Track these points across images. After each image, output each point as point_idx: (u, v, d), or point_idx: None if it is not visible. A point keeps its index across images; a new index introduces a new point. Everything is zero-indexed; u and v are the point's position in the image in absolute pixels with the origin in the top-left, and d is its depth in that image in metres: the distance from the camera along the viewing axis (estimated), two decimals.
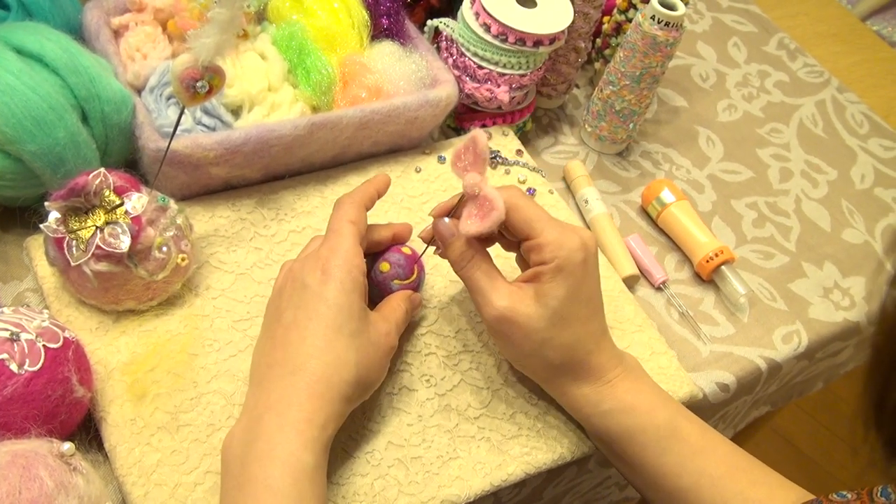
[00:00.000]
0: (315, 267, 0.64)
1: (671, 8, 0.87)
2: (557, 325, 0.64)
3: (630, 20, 0.97)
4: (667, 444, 0.65)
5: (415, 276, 0.72)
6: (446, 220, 0.68)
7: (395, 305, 0.69)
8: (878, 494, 0.53)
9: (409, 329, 0.74)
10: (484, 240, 0.68)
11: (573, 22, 0.88)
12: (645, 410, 0.66)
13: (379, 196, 0.71)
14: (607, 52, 1.02)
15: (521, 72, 0.88)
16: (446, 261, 0.79)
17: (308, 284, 0.63)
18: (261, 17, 0.85)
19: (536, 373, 0.69)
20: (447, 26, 0.90)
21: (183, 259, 0.69)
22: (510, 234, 0.69)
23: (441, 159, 0.88)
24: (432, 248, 0.71)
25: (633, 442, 0.66)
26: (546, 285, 0.64)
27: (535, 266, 0.65)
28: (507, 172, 0.90)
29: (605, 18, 1.01)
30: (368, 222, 0.69)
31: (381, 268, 0.71)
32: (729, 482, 0.64)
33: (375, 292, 0.72)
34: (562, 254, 0.64)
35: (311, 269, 0.64)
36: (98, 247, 0.65)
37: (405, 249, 0.72)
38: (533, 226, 0.65)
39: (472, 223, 0.64)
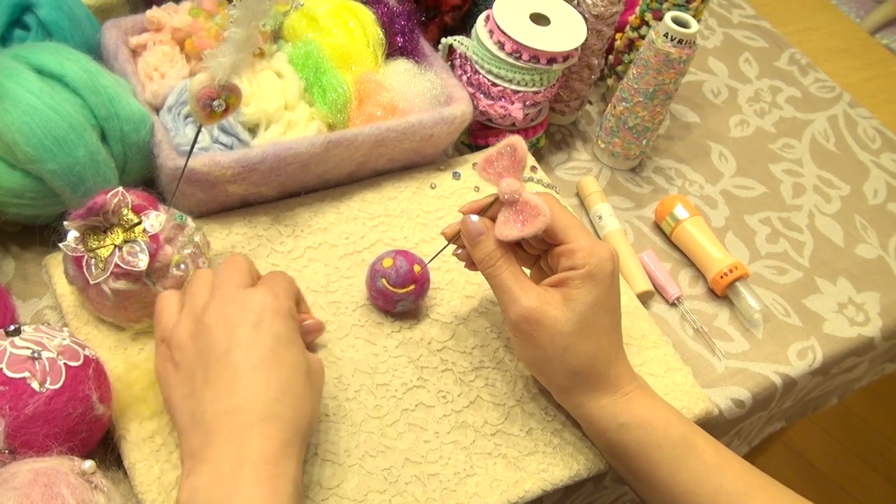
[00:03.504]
0: (258, 303, 0.61)
1: (684, 25, 0.87)
2: (583, 331, 0.65)
3: (643, 37, 0.98)
4: (683, 461, 0.65)
5: (403, 291, 0.73)
6: (475, 218, 0.67)
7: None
8: None
9: (425, 345, 0.75)
10: (509, 244, 0.68)
11: (586, 39, 0.88)
12: (661, 426, 0.66)
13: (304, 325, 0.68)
14: (620, 68, 1.02)
15: (534, 89, 0.88)
16: (461, 276, 0.79)
17: (253, 321, 0.59)
18: (277, 36, 0.86)
19: (555, 380, 0.68)
20: (461, 44, 0.90)
21: None
22: (534, 242, 0.69)
23: (456, 175, 0.89)
24: (450, 248, 0.72)
25: (648, 458, 0.66)
26: (575, 290, 0.65)
27: (563, 271, 0.66)
28: None
29: (618, 35, 1.02)
30: (386, 236, 0.69)
31: (384, 262, 0.73)
32: (746, 499, 0.64)
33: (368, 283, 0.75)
34: (593, 261, 0.65)
35: (253, 306, 0.61)
36: (117, 265, 0.66)
37: (416, 268, 0.73)
38: (568, 232, 0.66)
39: (510, 228, 0.65)
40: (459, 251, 0.71)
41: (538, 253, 0.71)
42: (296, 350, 0.61)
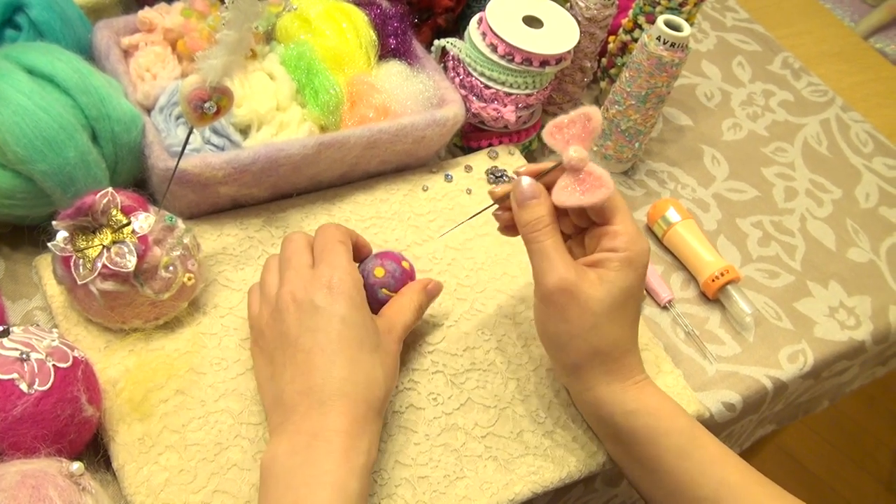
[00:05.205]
0: (321, 286, 0.64)
1: (677, 29, 0.87)
2: (612, 313, 0.65)
3: (635, 40, 0.98)
4: (689, 450, 0.66)
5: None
6: (528, 179, 0.67)
7: (403, 305, 0.70)
8: None
9: (416, 347, 0.75)
10: (557, 213, 0.67)
11: (579, 42, 0.88)
12: (668, 415, 0.67)
13: (357, 244, 0.72)
14: (613, 71, 1.03)
15: (527, 91, 0.88)
16: (452, 278, 0.79)
17: (318, 304, 0.63)
18: (269, 37, 0.86)
19: (571, 358, 0.68)
20: (454, 46, 0.90)
21: (189, 279, 0.70)
22: (576, 218, 0.69)
23: (448, 177, 0.88)
24: (493, 207, 0.71)
25: (655, 444, 0.67)
26: (612, 272, 0.65)
27: (602, 252, 0.66)
28: None
29: (611, 38, 1.02)
30: (378, 238, 0.69)
31: (376, 272, 0.71)
32: (747, 493, 0.64)
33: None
34: (635, 248, 0.66)
35: (317, 289, 0.64)
36: (104, 266, 0.66)
37: (404, 264, 0.72)
38: (616, 213, 0.67)
39: (569, 195, 0.65)
40: (500, 212, 0.71)
41: (571, 233, 0.71)
42: (361, 329, 0.63)
